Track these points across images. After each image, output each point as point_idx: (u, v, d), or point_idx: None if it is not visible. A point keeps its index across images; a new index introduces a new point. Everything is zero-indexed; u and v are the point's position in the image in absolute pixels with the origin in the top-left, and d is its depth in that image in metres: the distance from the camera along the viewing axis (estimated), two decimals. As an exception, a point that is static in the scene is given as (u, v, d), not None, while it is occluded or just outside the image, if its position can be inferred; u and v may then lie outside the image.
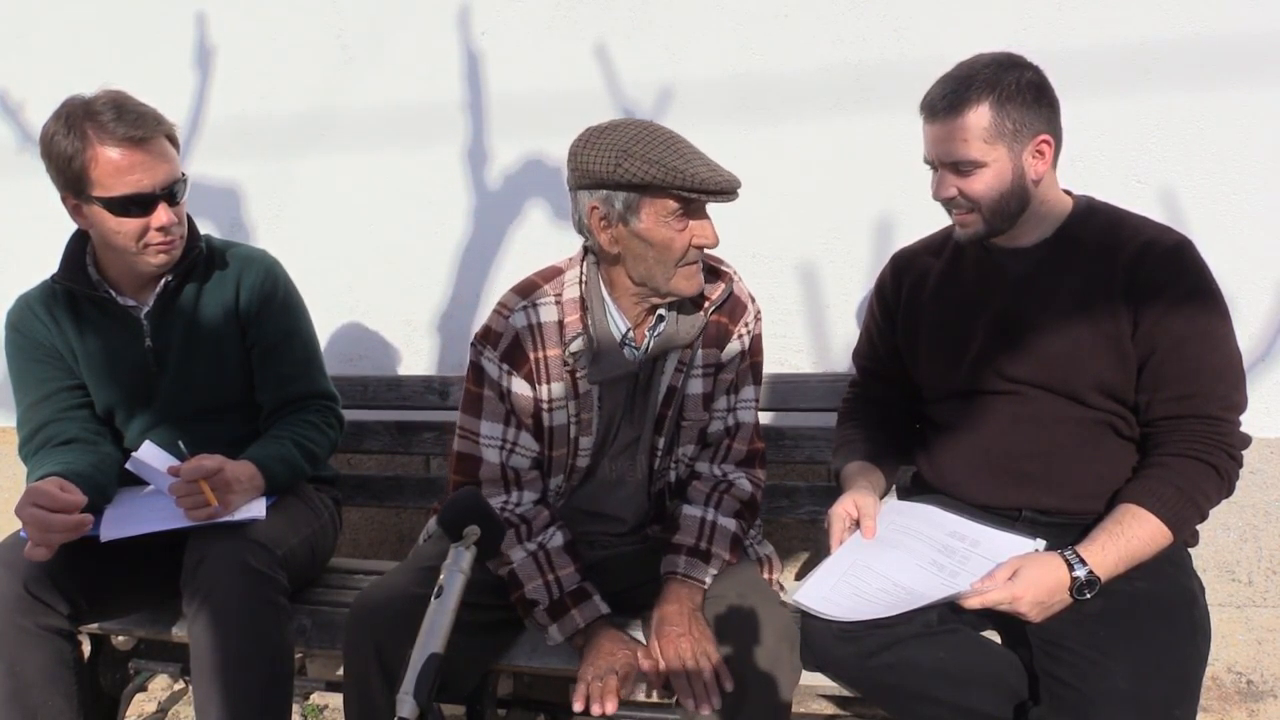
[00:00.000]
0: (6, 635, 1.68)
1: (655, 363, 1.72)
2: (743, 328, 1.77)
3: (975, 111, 1.55)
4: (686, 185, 1.50)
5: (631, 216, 1.55)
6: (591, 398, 1.70)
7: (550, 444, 1.73)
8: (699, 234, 1.58)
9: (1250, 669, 2.38)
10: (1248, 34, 2.16)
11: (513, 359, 1.67)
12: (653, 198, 1.53)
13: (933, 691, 1.52)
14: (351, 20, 2.65)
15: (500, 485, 1.71)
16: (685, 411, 1.76)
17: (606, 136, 1.55)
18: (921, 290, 1.82)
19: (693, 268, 1.61)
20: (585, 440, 1.73)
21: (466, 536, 1.16)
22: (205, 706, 1.68)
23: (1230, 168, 2.21)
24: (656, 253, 1.57)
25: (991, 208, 1.61)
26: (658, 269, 1.59)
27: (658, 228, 1.55)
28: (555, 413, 1.70)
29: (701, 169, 1.52)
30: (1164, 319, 1.56)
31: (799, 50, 2.39)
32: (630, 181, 1.51)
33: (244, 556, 1.70)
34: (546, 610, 1.66)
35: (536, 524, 1.71)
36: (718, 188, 1.52)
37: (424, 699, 1.01)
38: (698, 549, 1.71)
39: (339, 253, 2.75)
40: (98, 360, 1.92)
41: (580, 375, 1.67)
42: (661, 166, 1.49)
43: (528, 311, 1.68)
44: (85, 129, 1.72)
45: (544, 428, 1.70)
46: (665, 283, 1.60)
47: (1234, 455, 1.56)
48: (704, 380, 1.75)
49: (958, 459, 1.76)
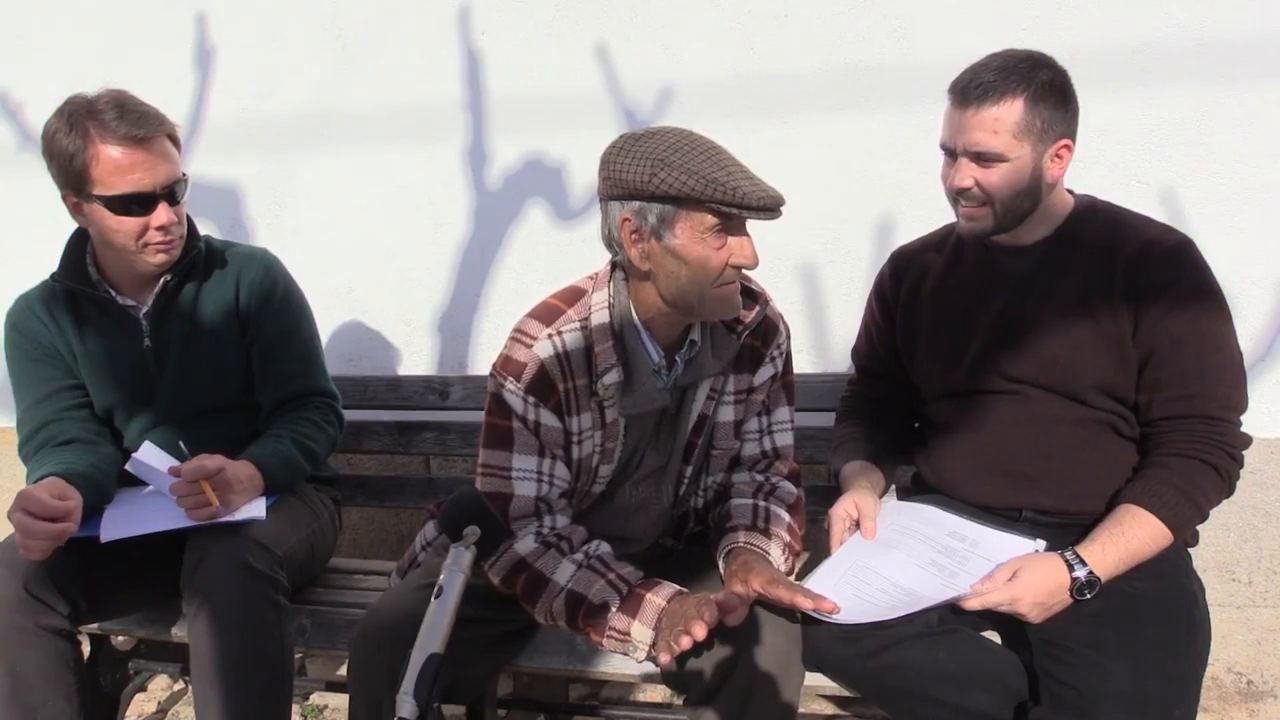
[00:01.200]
0: (6, 635, 1.68)
1: (685, 390, 1.64)
2: (775, 350, 1.69)
3: (1010, 104, 1.53)
4: (727, 200, 1.39)
5: (666, 231, 1.44)
6: (618, 427, 1.61)
7: (577, 473, 1.64)
8: (738, 253, 1.47)
9: (1250, 669, 2.38)
10: (1248, 34, 2.16)
11: (539, 391, 1.54)
12: (690, 211, 1.42)
13: (933, 692, 1.52)
14: (351, 20, 2.65)
15: (533, 517, 1.59)
16: (715, 440, 1.70)
17: (642, 144, 1.44)
18: (921, 289, 1.82)
19: (729, 289, 1.50)
20: (605, 469, 1.65)
21: (466, 536, 1.16)
22: (205, 707, 1.68)
23: (1230, 168, 2.21)
24: (691, 271, 1.46)
25: (1005, 204, 1.59)
26: (691, 289, 1.48)
27: (694, 244, 1.44)
28: (584, 444, 1.60)
29: (744, 183, 1.41)
30: (1165, 319, 1.56)
31: (799, 50, 2.39)
32: (666, 193, 1.40)
33: (244, 556, 1.70)
34: (622, 609, 1.51)
35: (576, 540, 1.61)
36: (760, 204, 1.41)
37: (424, 699, 1.01)
38: (755, 527, 1.65)
39: (339, 253, 2.75)
40: (97, 360, 1.92)
41: (609, 405, 1.58)
42: (701, 178, 1.39)
43: (553, 340, 1.54)
44: (87, 127, 1.72)
45: (573, 459, 1.61)
46: (699, 304, 1.50)
47: (1234, 455, 1.56)
48: (735, 407, 1.68)
49: (957, 459, 1.76)
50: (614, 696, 2.45)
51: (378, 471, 2.68)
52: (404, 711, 1.00)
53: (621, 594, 1.52)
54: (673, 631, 1.45)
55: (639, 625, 1.49)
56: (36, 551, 1.64)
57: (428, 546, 1.83)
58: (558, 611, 1.55)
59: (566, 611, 1.54)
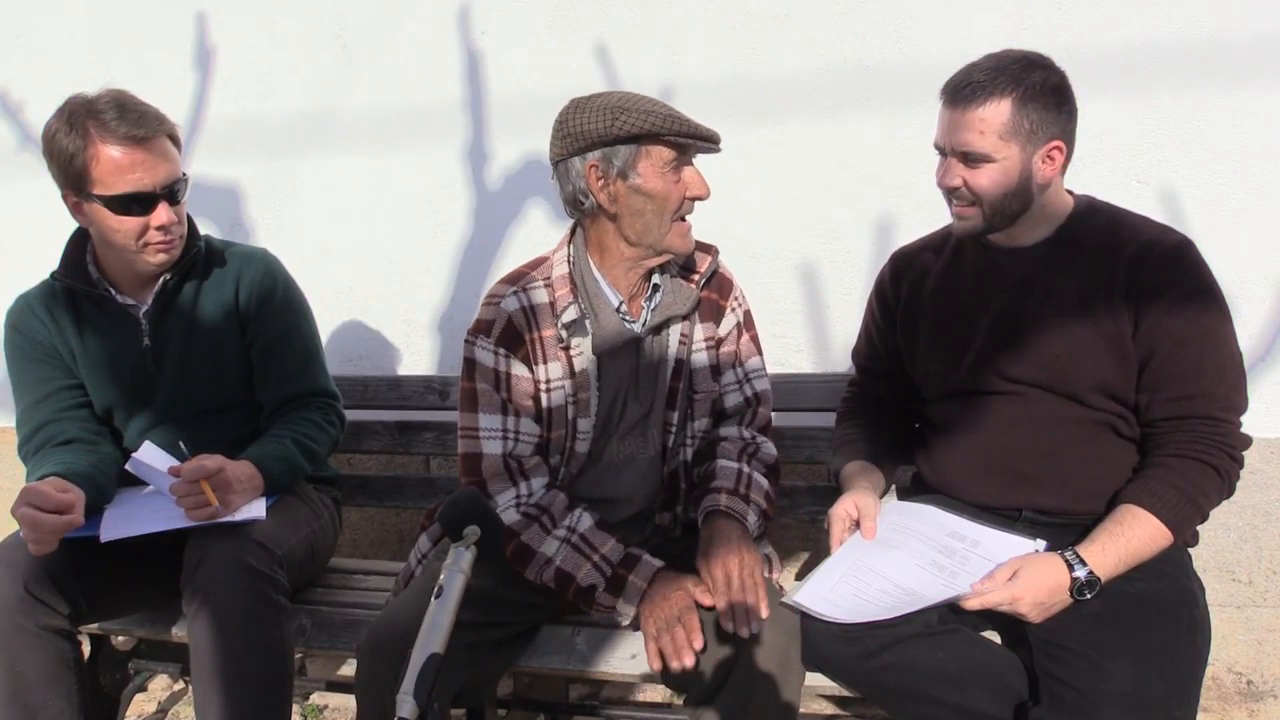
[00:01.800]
0: (6, 635, 1.68)
1: (656, 338, 1.76)
2: (734, 302, 1.84)
3: (996, 105, 1.54)
4: (680, 131, 1.59)
5: (630, 170, 1.61)
6: (589, 376, 1.70)
7: (549, 425, 1.72)
8: (693, 184, 1.65)
9: (1250, 669, 2.38)
10: (1248, 34, 2.16)
11: (508, 343, 1.68)
12: (649, 147, 1.60)
13: (933, 692, 1.52)
14: (351, 20, 2.65)
15: (506, 478, 1.69)
16: (695, 384, 1.80)
17: (595, 101, 1.63)
18: (921, 290, 1.82)
19: (686, 224, 1.68)
20: (584, 423, 1.72)
21: (466, 537, 1.16)
22: (205, 707, 1.68)
23: (1230, 168, 2.21)
24: (655, 206, 1.63)
25: (993, 205, 1.60)
26: (655, 223, 1.64)
27: (655, 179, 1.61)
28: (554, 394, 1.70)
29: (690, 118, 1.62)
30: (1165, 319, 1.55)
31: (799, 50, 2.39)
32: (628, 134, 1.57)
33: (244, 556, 1.70)
34: (607, 589, 1.64)
35: (557, 510, 1.69)
36: (707, 134, 1.63)
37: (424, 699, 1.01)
38: (737, 491, 1.74)
39: (339, 253, 2.75)
40: (97, 360, 1.92)
41: (576, 354, 1.69)
42: (656, 115, 1.58)
43: (519, 296, 1.70)
44: (87, 127, 1.72)
45: (542, 409, 1.71)
46: (661, 239, 1.65)
47: (1234, 456, 1.56)
48: (708, 353, 1.80)
49: (957, 459, 1.76)
50: (614, 696, 2.45)
51: (378, 471, 2.68)
52: (404, 711, 1.00)
53: (606, 576, 1.65)
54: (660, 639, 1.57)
55: (623, 603, 1.65)
56: (45, 544, 1.64)
57: (423, 560, 1.84)
58: (548, 579, 1.67)
59: (556, 584, 1.67)
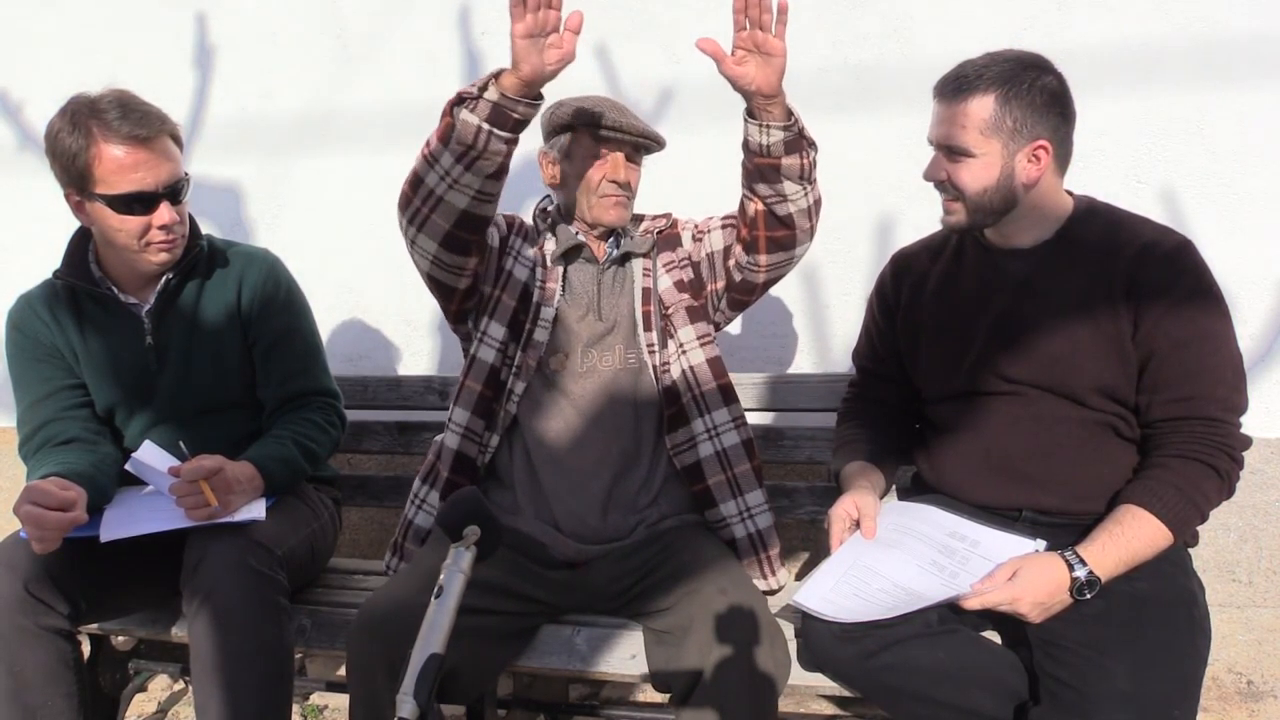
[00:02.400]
0: (6, 635, 1.68)
1: (619, 269, 1.95)
2: (684, 224, 2.05)
3: (979, 101, 1.56)
4: (595, 124, 1.84)
5: (563, 157, 1.91)
6: (557, 273, 1.91)
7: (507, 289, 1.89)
8: (611, 169, 1.87)
9: (1250, 669, 2.38)
10: (1248, 34, 2.16)
11: (510, 222, 1.99)
12: (575, 135, 1.88)
13: (933, 692, 1.52)
14: (351, 20, 2.65)
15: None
16: (665, 303, 1.93)
17: (562, 101, 1.90)
18: (922, 290, 1.82)
19: (609, 200, 1.89)
20: (546, 310, 1.88)
21: (466, 537, 1.16)
22: (205, 707, 1.68)
23: (1230, 168, 2.21)
24: (581, 184, 1.89)
25: (974, 201, 1.61)
26: (582, 198, 1.90)
27: (579, 163, 1.89)
28: (519, 265, 1.92)
29: (614, 114, 1.84)
30: (1165, 320, 1.56)
31: (799, 50, 2.38)
32: (558, 125, 1.89)
33: (244, 557, 1.70)
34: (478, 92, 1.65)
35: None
36: (620, 127, 1.84)
37: (424, 699, 1.01)
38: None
39: (339, 253, 2.75)
40: (99, 359, 1.92)
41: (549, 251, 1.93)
42: (578, 111, 1.85)
43: (525, 216, 2.06)
44: (90, 126, 1.72)
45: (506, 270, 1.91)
46: (588, 210, 1.91)
47: (1234, 456, 1.55)
48: (671, 274, 1.96)
49: (958, 460, 1.76)
50: (614, 696, 2.45)
51: (378, 471, 2.67)
52: (404, 712, 1.00)
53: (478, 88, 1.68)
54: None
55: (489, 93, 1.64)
56: (50, 542, 1.63)
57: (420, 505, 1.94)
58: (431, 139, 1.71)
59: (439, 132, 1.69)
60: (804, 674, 1.66)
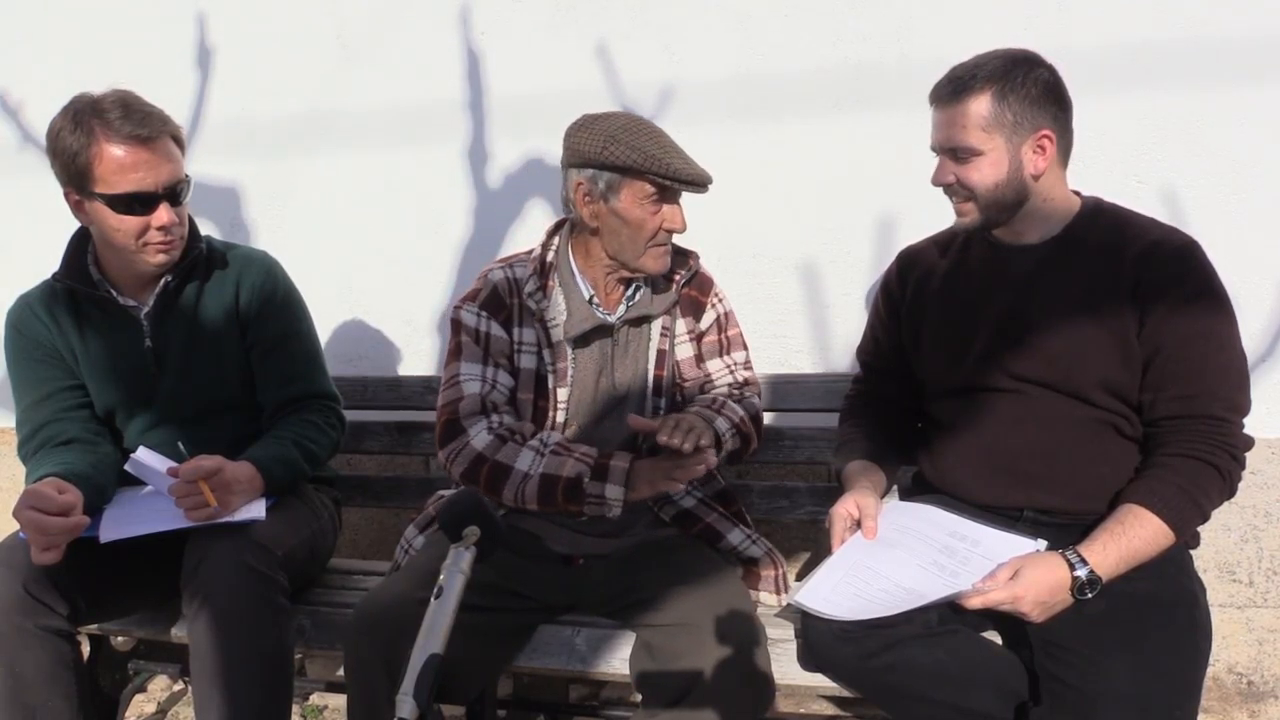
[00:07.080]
0: (6, 635, 1.68)
1: (635, 329, 1.86)
2: (714, 299, 1.94)
3: (976, 100, 1.57)
4: (663, 173, 1.68)
5: (612, 195, 1.72)
6: (565, 349, 1.81)
7: (521, 386, 1.81)
8: (670, 219, 1.75)
9: (1251, 669, 2.38)
10: (1248, 34, 2.16)
11: (491, 306, 1.81)
12: (632, 180, 1.70)
13: (933, 692, 1.52)
14: (351, 20, 2.65)
15: (480, 413, 1.76)
16: (682, 373, 1.90)
17: (599, 123, 1.72)
18: (927, 287, 1.82)
19: (661, 249, 1.78)
20: (562, 392, 1.80)
21: (466, 537, 1.16)
22: (205, 707, 1.68)
23: (1230, 168, 2.21)
24: (630, 231, 1.74)
25: (987, 198, 1.62)
26: (629, 246, 1.76)
27: (634, 208, 1.72)
28: (525, 355, 1.81)
29: (677, 161, 1.69)
30: (1169, 319, 1.56)
31: (799, 50, 2.39)
32: (614, 164, 1.69)
33: (244, 557, 1.70)
34: (594, 477, 1.68)
35: (527, 431, 1.77)
36: (690, 179, 1.70)
37: (424, 699, 1.01)
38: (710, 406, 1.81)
39: (339, 253, 2.75)
40: (98, 360, 1.92)
41: (553, 326, 1.80)
42: (643, 154, 1.67)
43: (505, 270, 1.85)
44: (92, 125, 1.72)
45: (517, 367, 1.81)
46: (634, 259, 1.77)
47: (1236, 456, 1.55)
48: (691, 345, 1.91)
49: (959, 458, 1.76)
50: (614, 696, 2.45)
51: (377, 472, 2.67)
52: (404, 712, 1.00)
53: (590, 465, 1.70)
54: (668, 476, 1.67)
55: (611, 486, 1.68)
56: (54, 551, 1.63)
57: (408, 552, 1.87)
58: (530, 495, 1.70)
59: (540, 494, 1.70)
60: (804, 674, 1.66)
